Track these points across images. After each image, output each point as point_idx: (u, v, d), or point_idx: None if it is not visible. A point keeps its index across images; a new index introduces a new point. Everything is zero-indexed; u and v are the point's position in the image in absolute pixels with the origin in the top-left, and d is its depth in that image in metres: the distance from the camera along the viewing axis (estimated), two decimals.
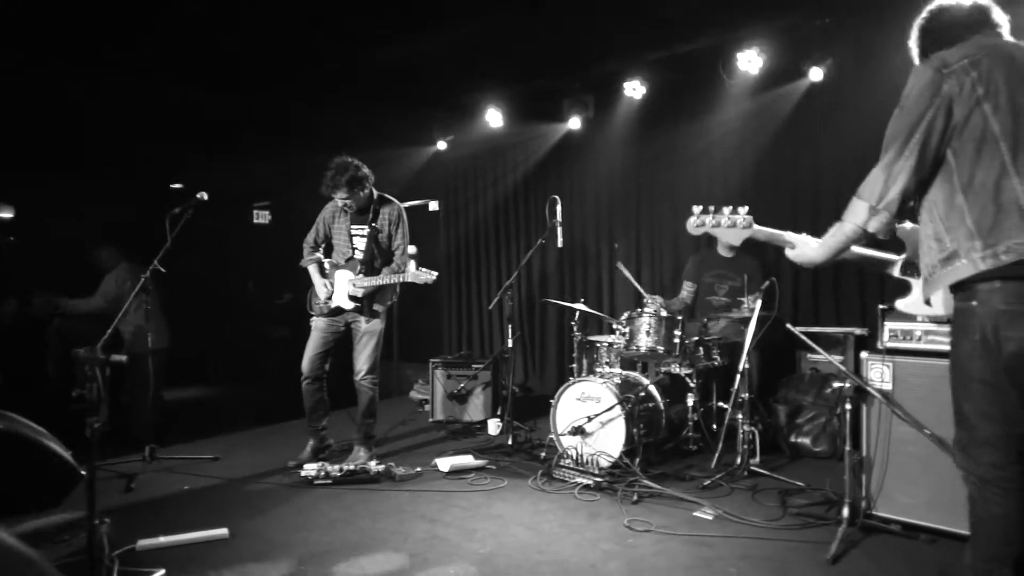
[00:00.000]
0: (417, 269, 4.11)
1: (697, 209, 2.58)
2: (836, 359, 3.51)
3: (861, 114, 4.92)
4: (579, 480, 3.83)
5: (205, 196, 4.10)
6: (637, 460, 3.88)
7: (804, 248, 2.44)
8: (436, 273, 4.14)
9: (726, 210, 2.56)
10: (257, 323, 8.78)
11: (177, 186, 8.07)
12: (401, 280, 4.17)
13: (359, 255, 4.30)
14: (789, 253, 2.52)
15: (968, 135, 2.02)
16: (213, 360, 7.93)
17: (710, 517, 3.29)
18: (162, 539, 3.03)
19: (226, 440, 5.08)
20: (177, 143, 6.93)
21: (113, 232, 5.88)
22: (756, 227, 2.55)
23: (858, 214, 2.16)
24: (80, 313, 5.37)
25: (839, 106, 5.05)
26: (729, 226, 2.55)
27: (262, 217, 9.36)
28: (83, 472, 2.38)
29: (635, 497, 3.55)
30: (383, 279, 4.20)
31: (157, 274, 4.11)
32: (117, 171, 7.18)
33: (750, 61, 5.07)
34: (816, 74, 5.00)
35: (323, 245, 4.46)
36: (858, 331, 4.61)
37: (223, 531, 3.15)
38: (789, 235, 2.52)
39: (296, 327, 8.08)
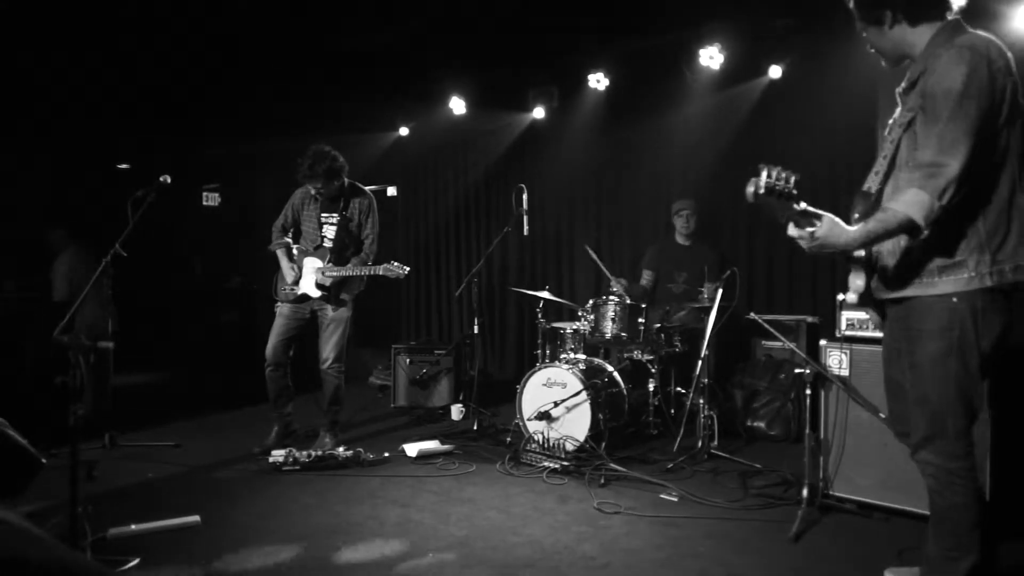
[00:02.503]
0: (389, 263, 4.10)
1: (772, 171, 1.96)
2: (792, 346, 3.66)
3: (818, 113, 5.09)
4: (546, 464, 3.92)
5: (168, 179, 3.97)
6: (603, 444, 3.99)
7: (835, 228, 2.04)
8: (408, 268, 4.13)
9: (794, 178, 1.97)
10: (205, 307, 8.54)
11: (124, 167, 7.78)
12: (372, 273, 4.15)
13: (328, 243, 4.26)
14: (799, 231, 2.09)
15: (999, 142, 1.98)
16: (159, 346, 7.67)
17: (675, 499, 3.42)
18: (133, 527, 2.98)
19: (183, 427, 4.98)
20: (125, 123, 6.67)
21: (56, 214, 5.62)
22: (803, 204, 2.05)
23: (920, 207, 1.95)
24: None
25: (797, 105, 5.19)
26: (787, 198, 1.99)
27: (212, 199, 9.09)
28: (43, 460, 2.32)
29: (602, 480, 3.65)
30: (353, 270, 4.18)
31: (117, 258, 3.97)
32: (59, 149, 6.87)
33: (712, 57, 5.16)
34: (775, 72, 5.13)
35: (291, 230, 4.41)
36: (810, 319, 4.82)
37: (195, 518, 3.11)
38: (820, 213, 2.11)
39: (246, 312, 7.94)
